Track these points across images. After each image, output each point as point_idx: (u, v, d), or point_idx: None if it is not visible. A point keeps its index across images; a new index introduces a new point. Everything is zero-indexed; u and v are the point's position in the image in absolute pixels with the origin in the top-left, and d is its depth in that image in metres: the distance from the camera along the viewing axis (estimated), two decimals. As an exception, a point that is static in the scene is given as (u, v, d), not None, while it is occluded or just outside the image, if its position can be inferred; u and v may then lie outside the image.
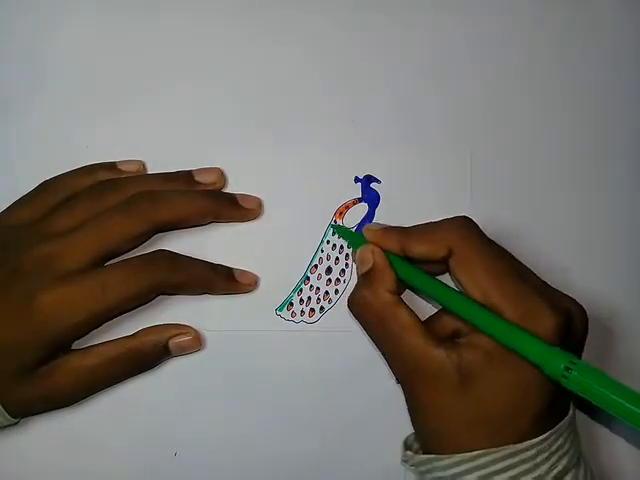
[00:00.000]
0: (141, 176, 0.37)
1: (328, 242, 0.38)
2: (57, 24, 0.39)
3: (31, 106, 0.39)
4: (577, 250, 0.38)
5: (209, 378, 0.36)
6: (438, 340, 0.32)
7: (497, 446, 0.30)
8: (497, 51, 0.40)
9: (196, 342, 0.36)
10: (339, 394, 0.36)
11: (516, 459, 0.30)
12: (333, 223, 0.37)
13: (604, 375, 0.29)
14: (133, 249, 0.36)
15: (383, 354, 0.34)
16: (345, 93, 0.39)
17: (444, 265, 0.33)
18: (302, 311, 0.37)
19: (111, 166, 0.37)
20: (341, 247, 0.38)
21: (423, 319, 0.33)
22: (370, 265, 0.34)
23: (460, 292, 0.33)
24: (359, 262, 0.35)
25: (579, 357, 0.33)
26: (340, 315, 0.36)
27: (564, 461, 0.31)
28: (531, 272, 0.33)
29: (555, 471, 0.30)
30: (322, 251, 0.38)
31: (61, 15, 0.39)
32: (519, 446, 0.30)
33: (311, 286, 0.37)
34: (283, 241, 0.38)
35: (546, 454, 0.30)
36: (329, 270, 0.38)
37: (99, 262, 0.34)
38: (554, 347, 0.30)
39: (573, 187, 0.39)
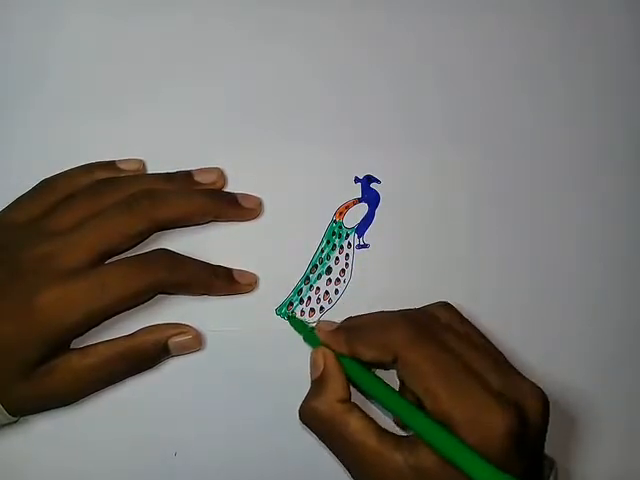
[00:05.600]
0: (141, 175, 0.37)
1: (328, 242, 0.38)
2: (57, 24, 0.39)
3: (31, 106, 0.39)
4: (577, 250, 0.38)
5: (209, 378, 0.36)
6: (395, 442, 0.31)
7: None
8: (497, 51, 0.40)
9: (196, 342, 0.36)
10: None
11: None
12: (289, 313, 0.37)
13: None
14: (132, 248, 0.36)
15: (342, 463, 0.33)
16: (345, 93, 0.39)
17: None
18: (302, 311, 0.37)
19: (111, 165, 0.37)
20: (341, 247, 0.38)
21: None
22: (320, 371, 0.33)
23: (409, 403, 0.32)
24: (311, 366, 0.34)
25: (539, 453, 0.32)
26: (340, 315, 0.36)
27: None
28: (490, 357, 0.32)
29: None
30: (322, 251, 0.38)
31: (61, 15, 0.39)
32: None
33: (311, 286, 0.37)
34: (283, 241, 0.38)
35: None
36: (329, 270, 0.37)
37: (98, 261, 0.34)
38: (499, 474, 0.28)
39: (573, 187, 0.39)
